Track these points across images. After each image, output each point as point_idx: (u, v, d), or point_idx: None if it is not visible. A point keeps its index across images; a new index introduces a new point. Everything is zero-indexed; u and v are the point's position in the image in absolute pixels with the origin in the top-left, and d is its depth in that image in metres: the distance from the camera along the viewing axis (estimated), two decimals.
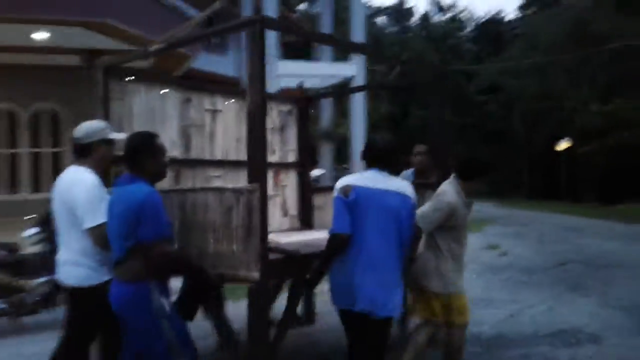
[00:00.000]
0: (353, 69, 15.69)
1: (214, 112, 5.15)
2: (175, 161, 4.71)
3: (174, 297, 2.92)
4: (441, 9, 45.73)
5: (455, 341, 3.63)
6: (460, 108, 29.71)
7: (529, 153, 29.96)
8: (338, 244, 2.88)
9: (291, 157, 5.95)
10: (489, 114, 32.23)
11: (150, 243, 2.64)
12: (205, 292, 3.13)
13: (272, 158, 5.74)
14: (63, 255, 3.06)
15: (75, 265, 2.99)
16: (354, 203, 2.90)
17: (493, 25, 41.97)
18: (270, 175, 5.73)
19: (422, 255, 3.56)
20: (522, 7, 38.09)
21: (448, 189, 3.62)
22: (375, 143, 3.13)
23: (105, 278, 2.99)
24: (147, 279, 2.72)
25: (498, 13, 46.07)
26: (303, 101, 6.04)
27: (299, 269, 3.13)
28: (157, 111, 4.64)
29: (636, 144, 20.91)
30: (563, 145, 22.48)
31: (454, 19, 44.80)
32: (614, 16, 22.82)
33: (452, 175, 3.71)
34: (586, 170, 25.30)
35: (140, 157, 2.83)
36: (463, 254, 3.72)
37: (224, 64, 17.44)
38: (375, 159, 3.07)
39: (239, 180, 5.38)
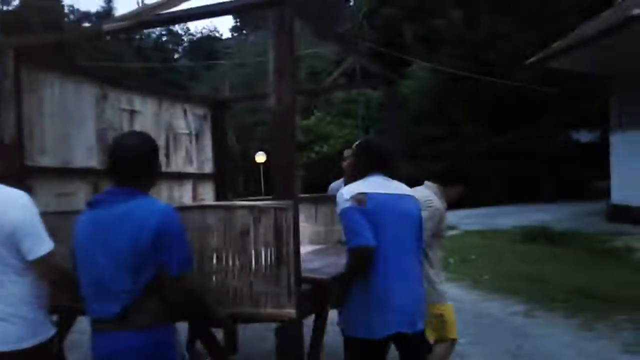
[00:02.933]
0: None
1: (132, 113, 4.37)
2: (92, 172, 3.88)
3: None
4: None
5: None
6: None
7: (242, 165, 30.04)
8: (364, 258, 2.53)
9: (208, 168, 5.33)
10: None
11: (179, 274, 2.04)
12: (208, 332, 2.56)
13: (189, 169, 5.09)
14: None
15: (8, 321, 2.13)
16: (372, 212, 2.58)
17: (207, 42, 44.42)
18: (189, 188, 5.08)
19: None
20: (233, 29, 43.81)
21: (430, 195, 3.48)
22: (375, 147, 2.90)
23: (52, 332, 2.27)
24: (169, 321, 2.13)
25: (213, 31, 48.49)
26: (219, 105, 5.46)
27: (326, 297, 2.70)
28: (71, 109, 3.77)
29: (331, 155, 22.12)
30: (260, 158, 24.20)
31: (170, 31, 45.66)
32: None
33: (427, 181, 3.61)
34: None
35: (151, 166, 2.20)
36: (441, 260, 3.66)
37: None
38: (377, 163, 2.80)
39: (162, 193, 4.65)
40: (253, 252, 2.52)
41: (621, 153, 11.41)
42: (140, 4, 43.42)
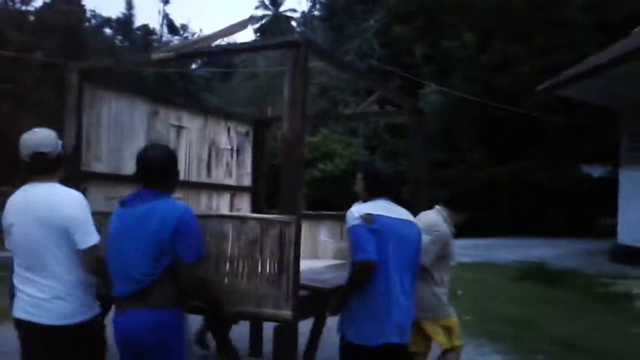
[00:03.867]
0: None
1: (179, 129, 4.84)
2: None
3: None
4: (173, 30, 44.72)
5: None
6: None
7: None
8: (366, 272, 2.78)
9: (246, 181, 5.75)
10: None
11: (192, 263, 2.41)
12: (216, 326, 2.90)
13: (229, 181, 5.51)
14: (38, 291, 2.53)
15: (61, 299, 2.52)
16: (377, 232, 2.84)
17: (225, 54, 43.38)
18: (226, 198, 5.51)
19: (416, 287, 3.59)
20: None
21: (438, 219, 3.70)
22: (381, 173, 3.14)
23: (97, 312, 2.65)
24: (180, 304, 2.48)
25: (231, 44, 46.82)
26: (261, 123, 5.89)
27: (324, 303, 3.00)
28: (125, 123, 4.26)
29: (336, 173, 21.84)
30: None
31: (186, 40, 44.05)
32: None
33: (438, 205, 3.82)
34: None
35: (172, 173, 2.61)
36: (449, 281, 3.84)
37: None
38: (382, 188, 3.06)
39: (201, 202, 5.09)
40: (260, 259, 2.86)
41: (629, 190, 10.78)
42: (161, 12, 43.49)
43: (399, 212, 3.00)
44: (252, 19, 3.08)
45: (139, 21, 48.63)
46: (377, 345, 2.80)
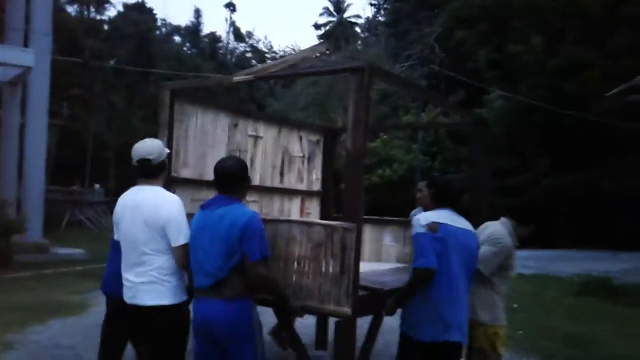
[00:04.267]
0: (30, 58, 11.57)
1: (256, 138, 5.29)
2: None
3: None
4: (239, 38, 45.59)
5: None
6: None
7: None
8: (425, 278, 3.05)
9: (316, 186, 6.13)
10: None
11: (256, 261, 2.77)
12: (283, 317, 3.27)
13: (300, 186, 5.92)
14: (138, 276, 2.99)
15: (155, 283, 2.96)
16: (441, 240, 3.09)
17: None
18: (297, 202, 5.92)
19: (475, 292, 3.79)
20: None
21: (502, 232, 3.85)
22: (452, 187, 3.38)
23: (186, 298, 3.05)
24: (249, 296, 2.86)
25: (294, 48, 44.89)
26: (331, 132, 6.26)
27: (381, 304, 3.31)
28: (208, 134, 4.75)
29: (395, 179, 21.45)
30: None
31: (254, 48, 45.31)
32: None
33: (503, 217, 3.98)
34: None
35: (243, 181, 3.00)
36: (507, 290, 4.01)
37: None
38: (450, 200, 3.32)
39: (274, 205, 5.53)
40: (323, 260, 3.21)
41: None
42: (228, 20, 45.44)
43: (461, 222, 3.26)
44: (320, 45, 3.44)
45: (206, 29, 50.99)
46: (435, 341, 3.07)
